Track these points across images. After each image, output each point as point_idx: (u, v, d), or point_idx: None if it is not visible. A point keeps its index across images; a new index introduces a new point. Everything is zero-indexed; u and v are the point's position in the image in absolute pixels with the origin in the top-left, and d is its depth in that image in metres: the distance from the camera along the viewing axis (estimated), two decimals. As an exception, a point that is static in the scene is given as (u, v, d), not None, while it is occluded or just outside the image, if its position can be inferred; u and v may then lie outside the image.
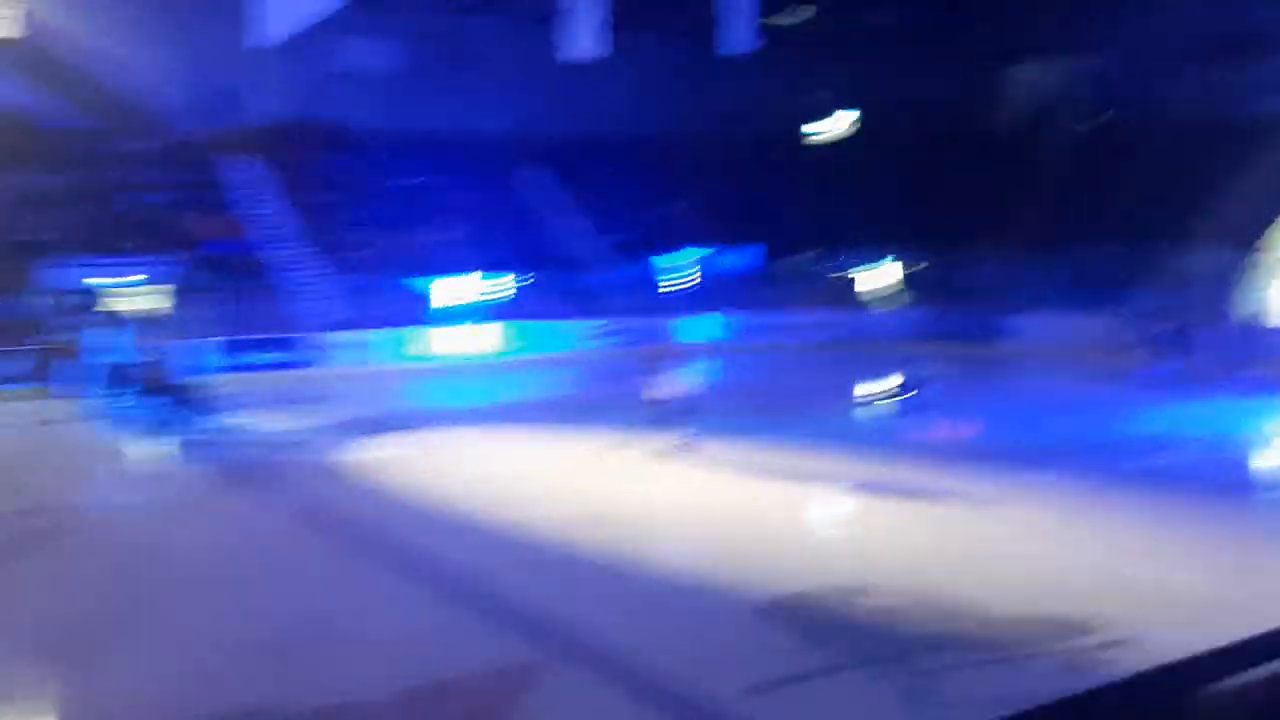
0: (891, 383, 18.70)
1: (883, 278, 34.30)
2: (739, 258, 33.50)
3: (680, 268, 34.24)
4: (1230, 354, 22.82)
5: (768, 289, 32.25)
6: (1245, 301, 26.13)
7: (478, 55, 37.01)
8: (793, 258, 32.24)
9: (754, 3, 29.26)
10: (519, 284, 30.52)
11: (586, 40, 27.84)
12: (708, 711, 6.92)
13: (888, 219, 33.23)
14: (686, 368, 15.74)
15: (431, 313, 28.74)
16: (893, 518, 11.84)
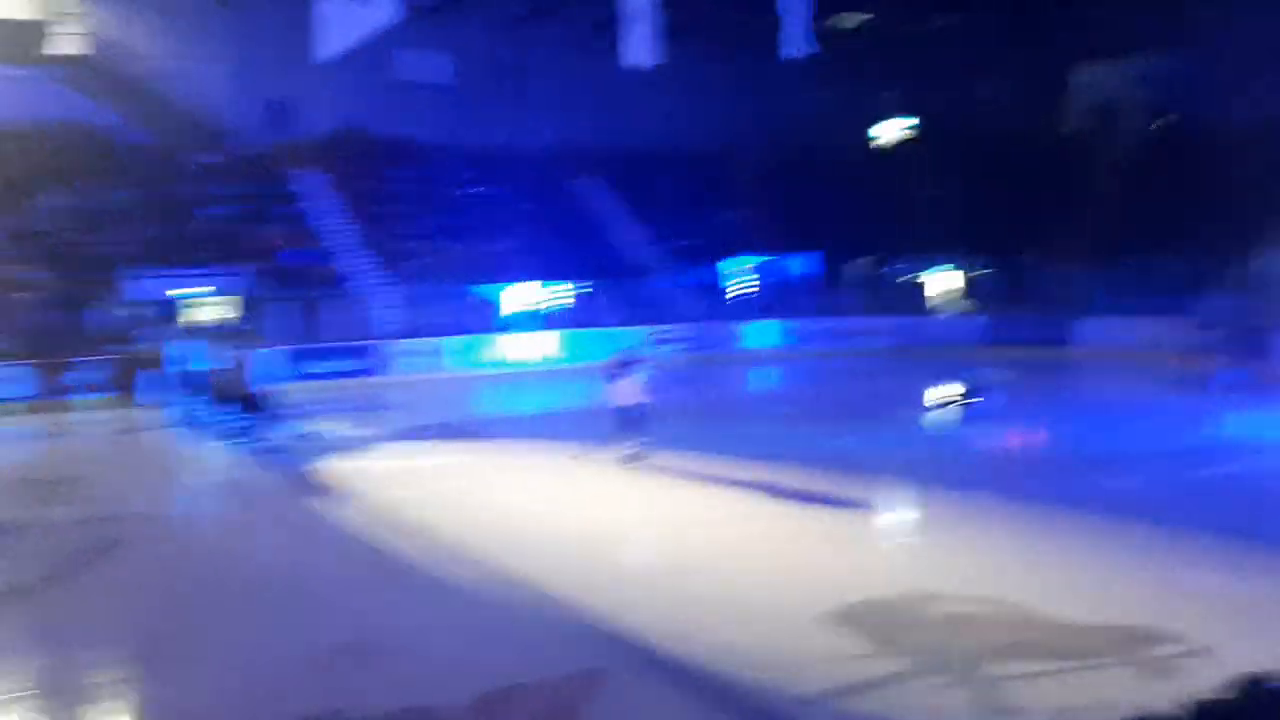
0: (956, 389, 18.47)
1: (946, 283, 33.96)
2: (799, 264, 33.35)
3: (740, 274, 34.19)
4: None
5: (829, 295, 32.08)
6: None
7: (537, 66, 37.30)
8: (854, 263, 32.03)
9: (812, 8, 29.14)
10: (579, 292, 30.68)
11: (644, 49, 27.92)
12: (773, 718, 6.90)
13: (950, 224, 32.92)
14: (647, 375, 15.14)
15: (494, 320, 29.00)
16: (960, 523, 11.71)
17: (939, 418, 18.89)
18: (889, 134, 42.42)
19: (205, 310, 25.77)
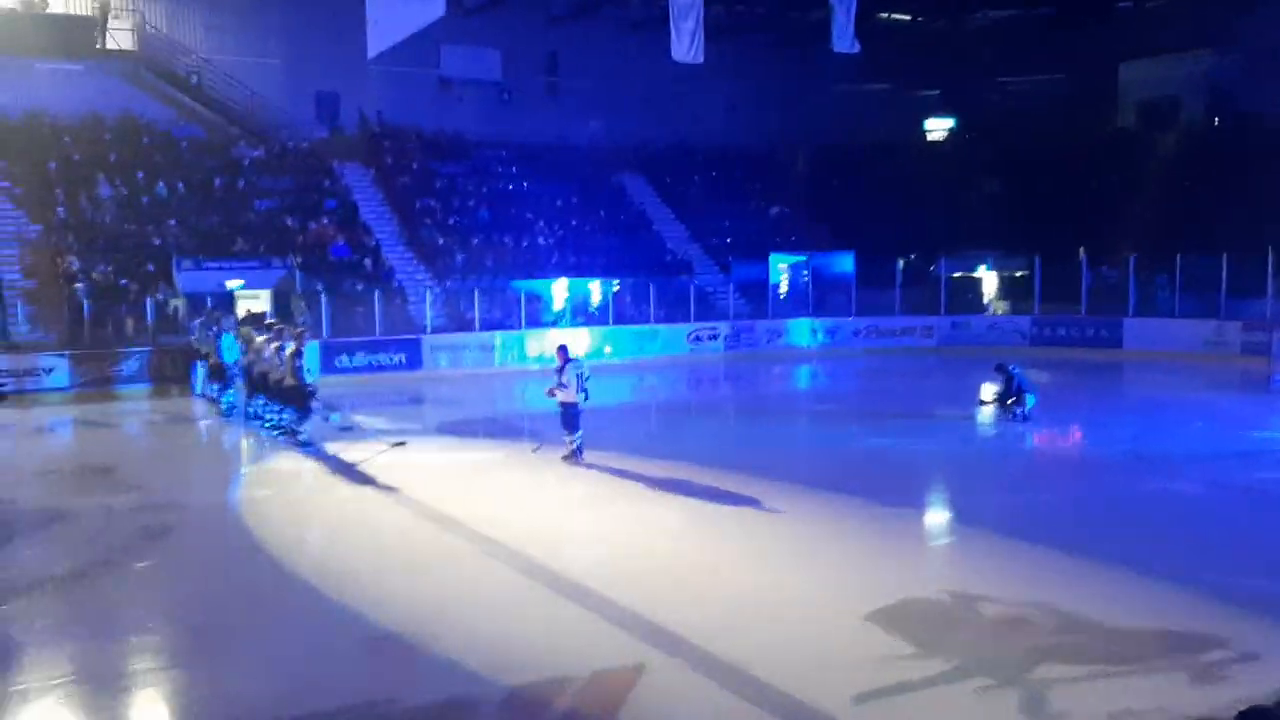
0: (1001, 389, 18.25)
1: (992, 281, 33.67)
2: (842, 261, 33.15)
3: (781, 272, 34.07)
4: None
5: (872, 293, 31.86)
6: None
7: (583, 62, 37.39)
8: (897, 261, 31.80)
9: (857, 6, 28.94)
10: (621, 288, 30.71)
11: (689, 46, 27.84)
12: (813, 717, 6.88)
13: (997, 221, 32.64)
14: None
15: (537, 315, 29.11)
16: (1005, 525, 11.59)
17: (983, 417, 18.72)
18: (935, 131, 42.13)
19: (255, 302, 26.11)
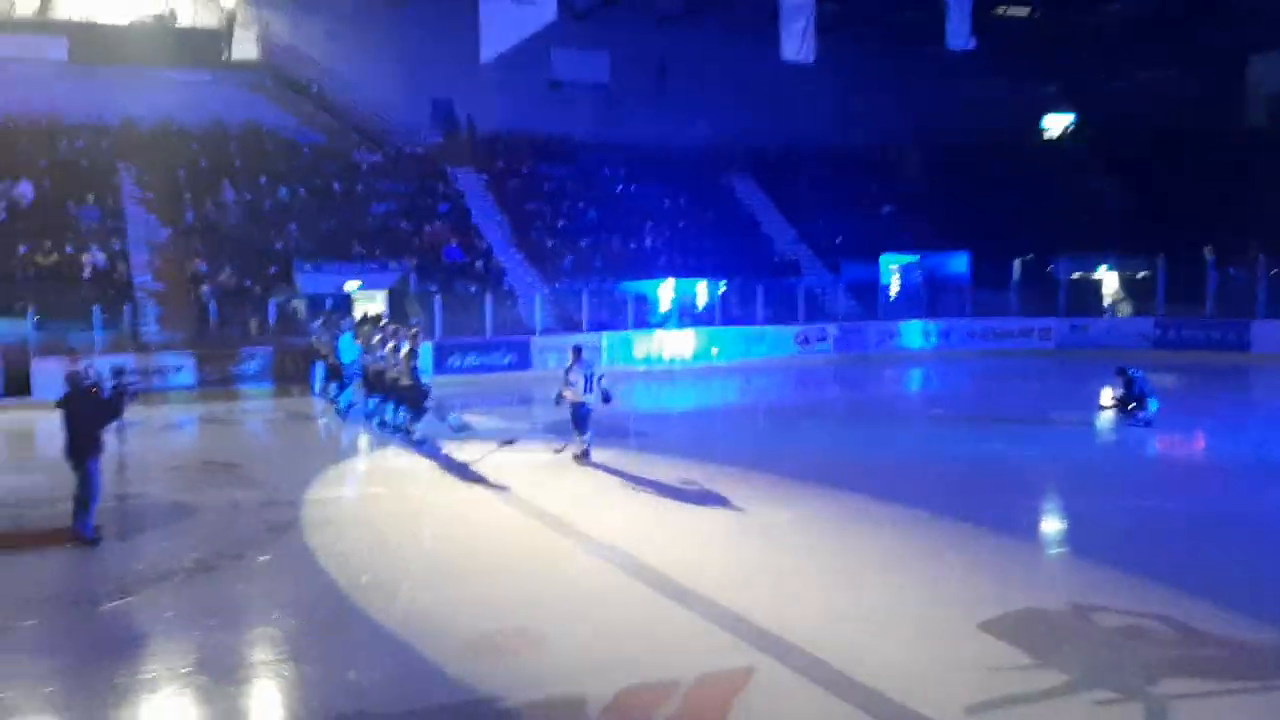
0: (1121, 393, 17.67)
1: (1112, 282, 32.60)
2: (956, 262, 32.50)
3: (892, 273, 33.57)
4: None
5: (987, 294, 31.15)
6: None
7: (692, 63, 37.40)
8: (1013, 261, 31.03)
9: (971, 2, 28.34)
10: (728, 290, 30.65)
11: (800, 45, 27.64)
12: (927, 727, 6.77)
13: (1118, 220, 31.63)
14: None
15: (646, 317, 29.25)
16: (1124, 533, 11.24)
17: (1103, 422, 18.15)
18: (1052, 128, 41.01)
19: (371, 304, 26.82)
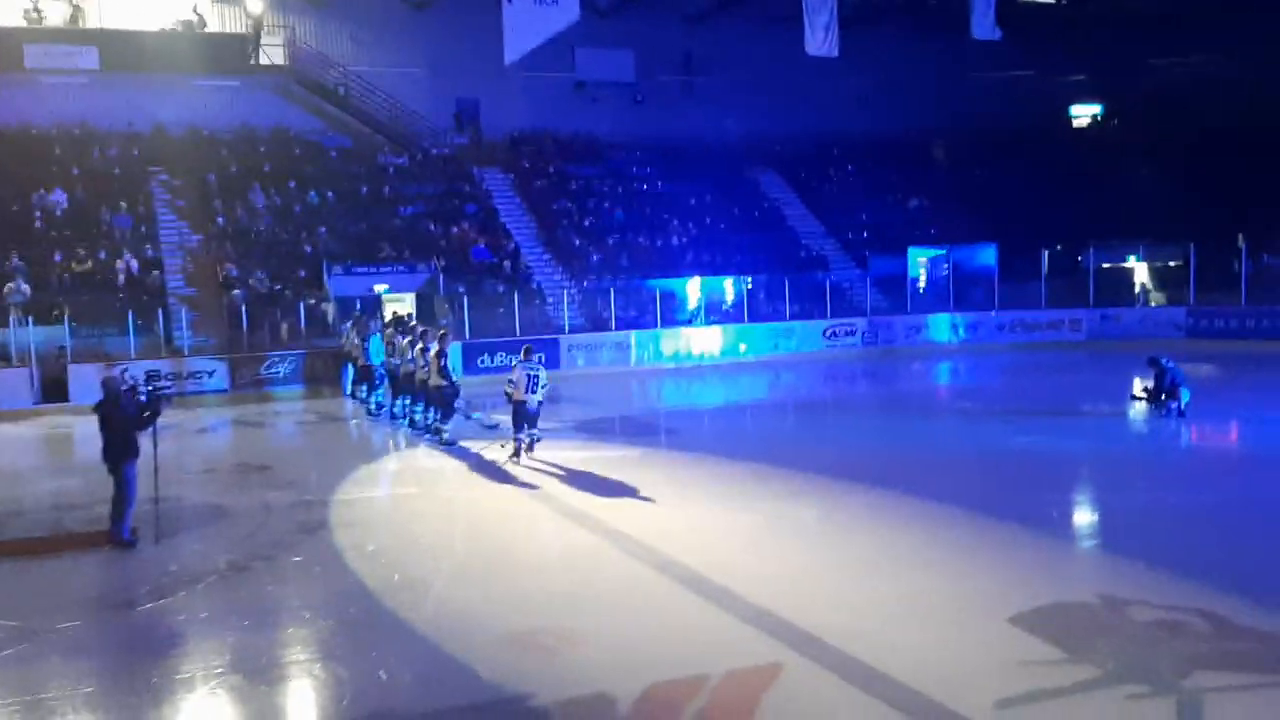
0: (1154, 384, 17.49)
1: (1145, 272, 32.27)
2: (986, 254, 32.27)
3: (920, 266, 33.38)
4: None
5: (1017, 285, 30.90)
6: None
7: (717, 59, 37.36)
8: (1044, 252, 30.78)
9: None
10: (756, 285, 30.59)
11: (825, 39, 27.58)
12: (956, 721, 6.73)
13: (1150, 210, 31.27)
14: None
15: (674, 314, 29.27)
16: (1157, 527, 11.13)
17: (1135, 414, 17.98)
18: (1081, 117, 40.63)
19: (401, 305, 27.02)
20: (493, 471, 14.90)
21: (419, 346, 17.62)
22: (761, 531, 11.44)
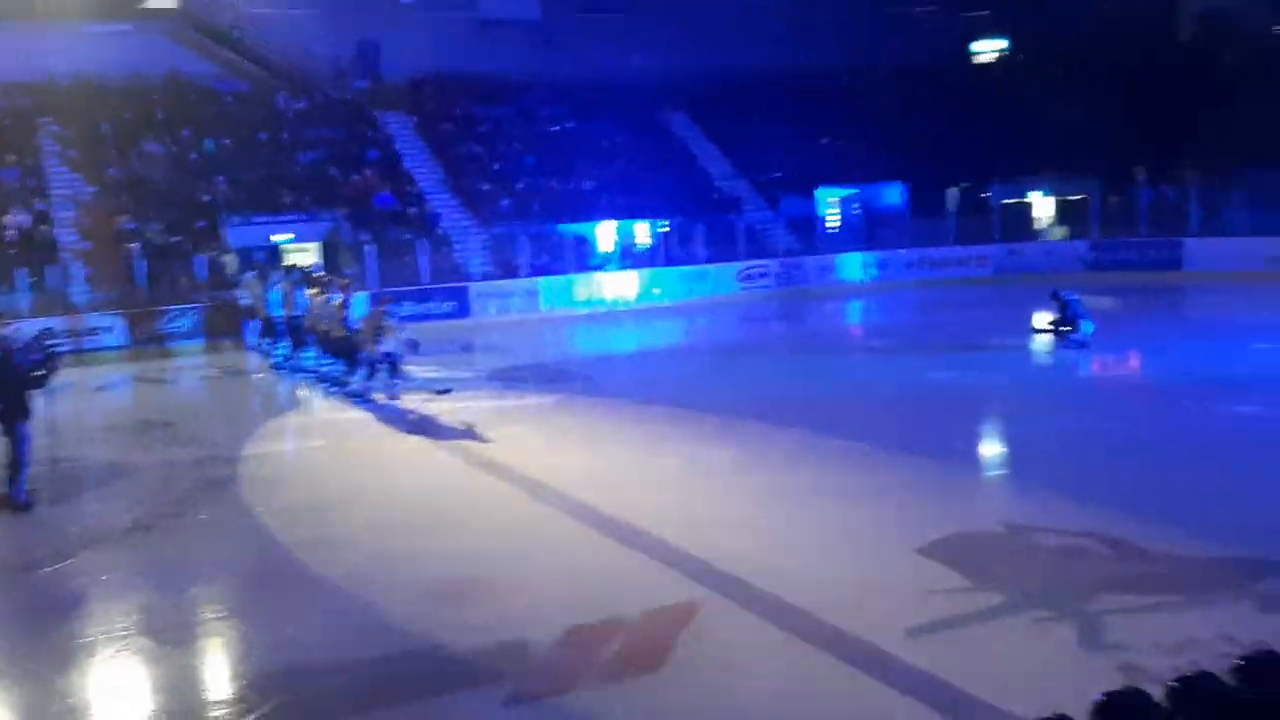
0: (1058, 317, 17.88)
1: (1046, 206, 32.89)
2: (893, 193, 32.55)
3: (831, 206, 33.54)
4: None
5: (924, 224, 31.25)
6: None
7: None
8: (950, 190, 31.13)
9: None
10: (668, 228, 30.44)
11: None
12: (869, 653, 6.78)
13: (1051, 144, 31.78)
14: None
15: (585, 259, 28.99)
16: (1061, 455, 11.41)
17: (1039, 346, 18.40)
18: (984, 53, 41.04)
19: (302, 255, 26.30)
20: (403, 423, 14.66)
21: (323, 297, 17.18)
22: (678, 475, 11.46)
